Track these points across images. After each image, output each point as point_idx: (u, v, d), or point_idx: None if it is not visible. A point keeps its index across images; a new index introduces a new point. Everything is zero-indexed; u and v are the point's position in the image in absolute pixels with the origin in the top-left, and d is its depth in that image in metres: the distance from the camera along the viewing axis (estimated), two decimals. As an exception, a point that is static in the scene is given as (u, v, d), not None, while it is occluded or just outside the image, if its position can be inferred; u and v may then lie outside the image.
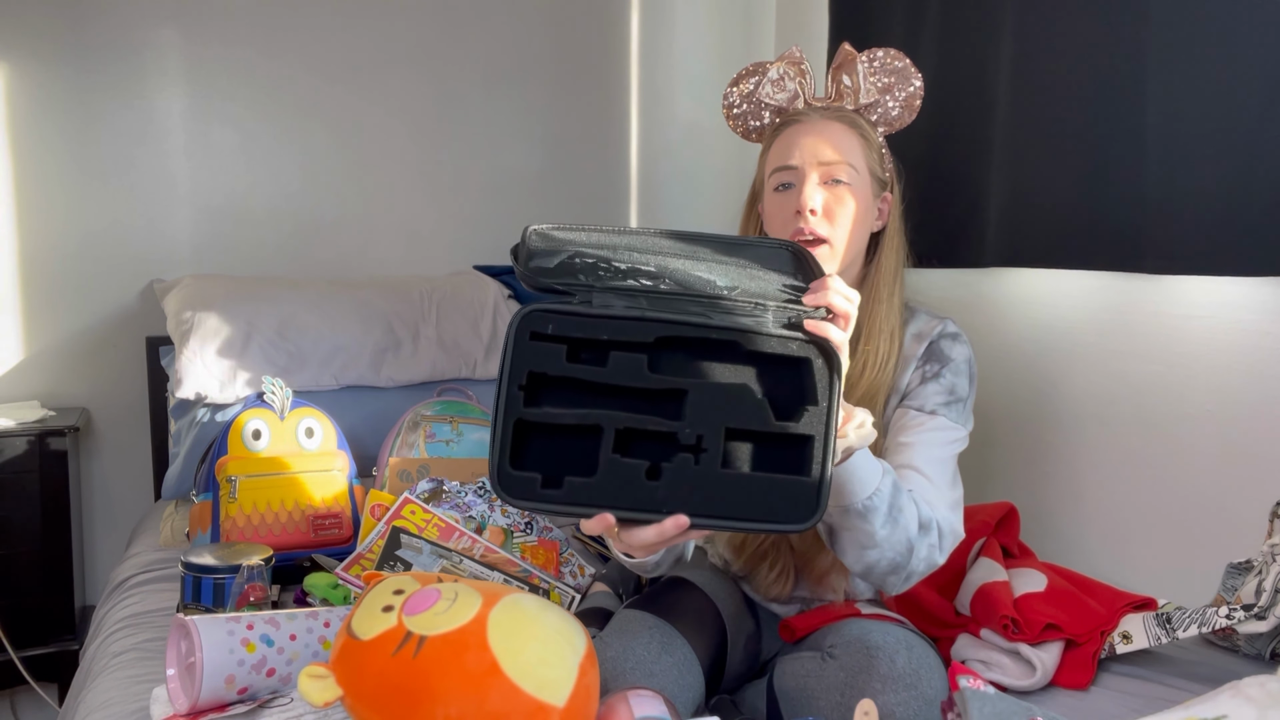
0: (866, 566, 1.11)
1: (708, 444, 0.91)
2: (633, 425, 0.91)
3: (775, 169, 1.27)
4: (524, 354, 0.92)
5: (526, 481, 0.90)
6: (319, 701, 0.82)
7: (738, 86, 1.34)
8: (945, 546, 1.15)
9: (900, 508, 1.08)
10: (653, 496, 0.90)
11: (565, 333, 0.92)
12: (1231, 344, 1.48)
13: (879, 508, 1.06)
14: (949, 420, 1.23)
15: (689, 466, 0.91)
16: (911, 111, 1.30)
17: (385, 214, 2.47)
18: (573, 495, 0.90)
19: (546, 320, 0.93)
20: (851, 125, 1.26)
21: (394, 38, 2.43)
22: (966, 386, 1.26)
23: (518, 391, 0.91)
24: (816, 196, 1.22)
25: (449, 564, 1.42)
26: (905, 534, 1.08)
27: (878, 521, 1.06)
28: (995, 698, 0.87)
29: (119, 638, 1.40)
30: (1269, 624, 1.19)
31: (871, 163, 1.26)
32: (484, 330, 2.21)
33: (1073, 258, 1.64)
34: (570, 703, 0.83)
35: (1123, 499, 1.65)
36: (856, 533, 1.07)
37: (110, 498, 2.29)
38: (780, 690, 1.18)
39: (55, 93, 2.16)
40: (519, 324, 0.92)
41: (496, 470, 0.90)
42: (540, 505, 0.89)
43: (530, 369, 0.92)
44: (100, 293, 2.24)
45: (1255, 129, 1.36)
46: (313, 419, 1.73)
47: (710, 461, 0.91)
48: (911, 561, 1.11)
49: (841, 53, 1.30)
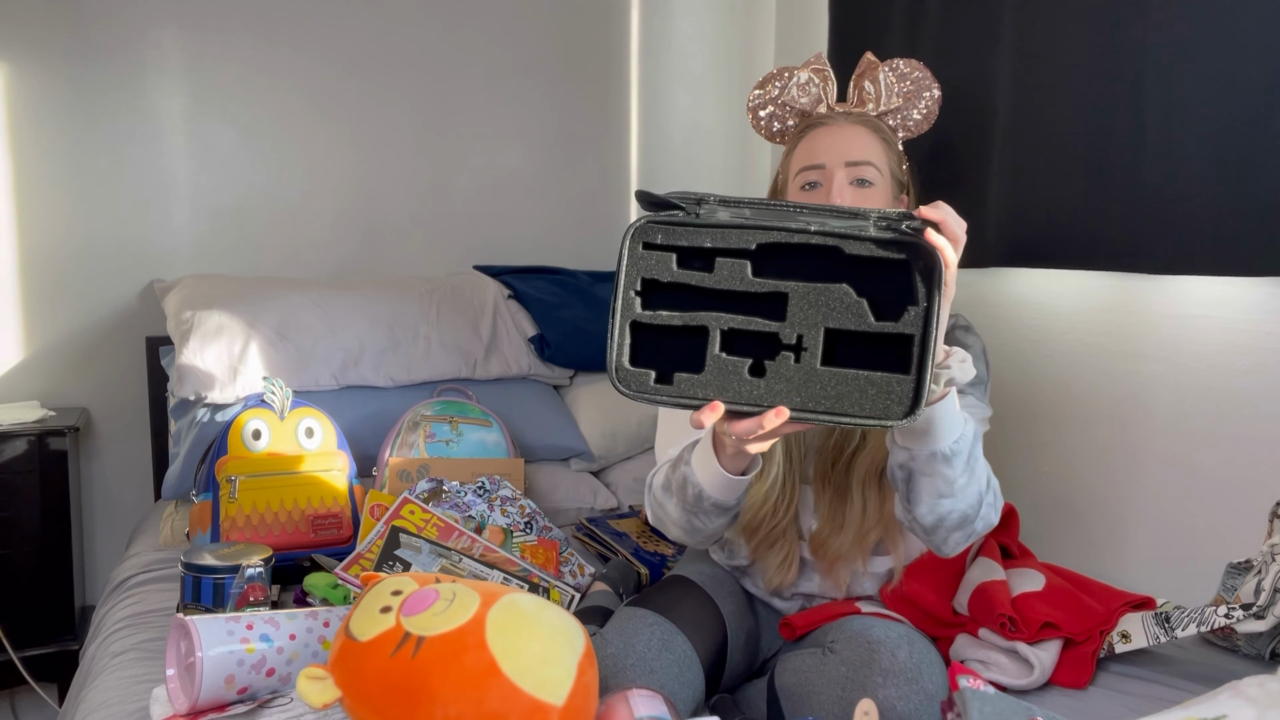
0: (939, 517, 1.09)
1: (808, 343, 0.95)
2: (736, 326, 0.96)
3: (802, 168, 1.30)
4: (636, 262, 0.99)
5: (641, 377, 0.96)
6: (318, 703, 0.82)
7: (764, 89, 1.37)
8: (998, 507, 1.14)
9: (977, 457, 1.08)
10: (756, 391, 0.95)
11: (673, 242, 0.99)
12: (1231, 344, 1.48)
13: (961, 452, 1.05)
14: (976, 399, 1.25)
15: (789, 363, 0.95)
16: (930, 119, 1.34)
17: (385, 214, 2.47)
18: (682, 389, 0.96)
19: (656, 230, 0.99)
20: (874, 130, 1.30)
21: (394, 37, 2.43)
22: (985, 371, 1.29)
23: (634, 295, 0.98)
24: (846, 194, 1.25)
25: (448, 563, 1.43)
26: (978, 485, 1.08)
27: (959, 467, 1.05)
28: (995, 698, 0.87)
29: (119, 638, 1.40)
30: (1268, 623, 1.19)
31: (893, 165, 1.30)
32: (484, 330, 2.21)
33: (1073, 258, 1.64)
34: (569, 702, 0.83)
35: (1122, 499, 1.65)
36: (936, 479, 1.06)
37: (110, 498, 2.29)
38: (781, 687, 1.18)
39: (55, 93, 2.17)
40: (632, 235, 0.99)
41: (615, 367, 0.96)
42: (654, 398, 0.96)
43: (643, 275, 0.98)
44: (100, 293, 2.24)
45: (1255, 129, 1.36)
46: (313, 419, 1.73)
47: (810, 359, 0.95)
48: (979, 515, 1.10)
49: (864, 61, 1.35)
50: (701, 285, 0.97)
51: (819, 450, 1.31)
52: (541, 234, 2.60)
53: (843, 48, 2.14)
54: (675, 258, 0.98)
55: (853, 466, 1.27)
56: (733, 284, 0.97)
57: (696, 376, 0.96)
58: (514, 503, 1.69)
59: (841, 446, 1.29)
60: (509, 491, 1.72)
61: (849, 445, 1.28)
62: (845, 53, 2.06)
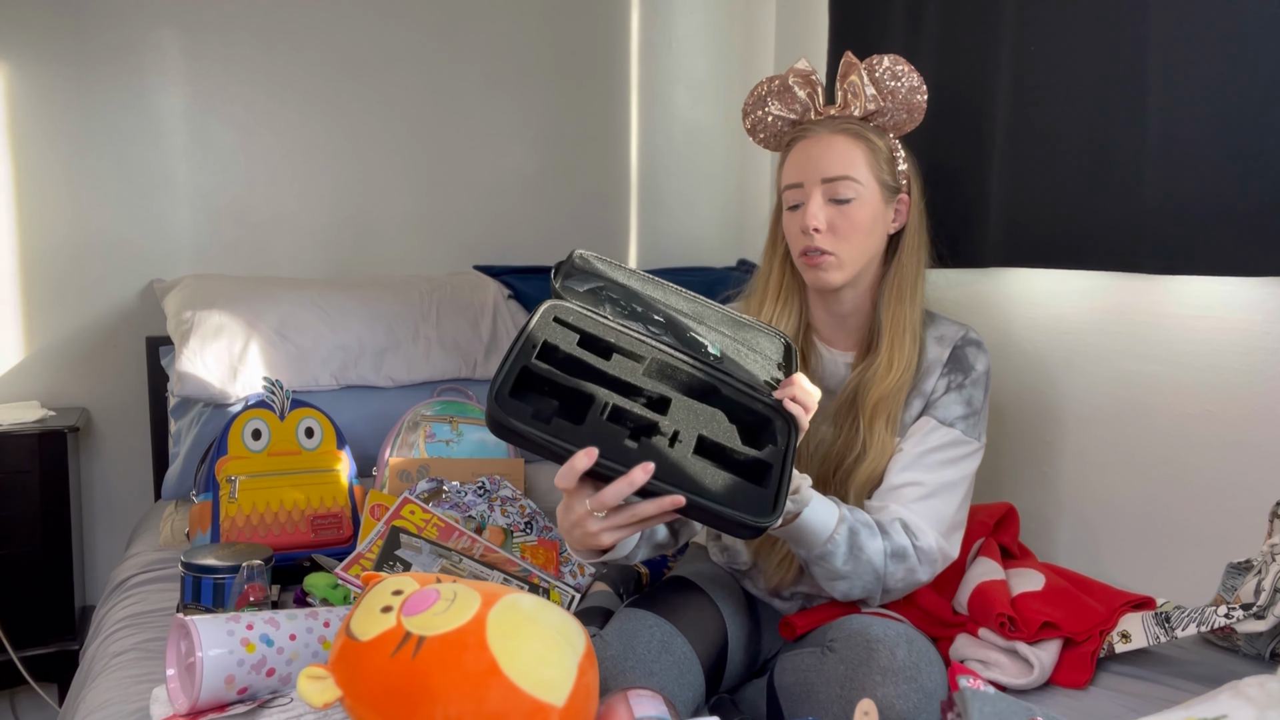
0: (841, 593, 1.20)
1: (683, 438, 1.02)
2: (621, 406, 1.01)
3: (785, 187, 1.33)
4: (543, 328, 1.05)
5: (520, 409, 0.96)
6: (318, 703, 0.82)
7: (753, 102, 1.37)
8: (928, 568, 1.22)
9: (861, 546, 1.16)
10: (629, 455, 0.97)
11: (581, 326, 1.07)
12: (1231, 344, 1.48)
13: (837, 550, 1.15)
14: (965, 435, 1.28)
15: (665, 444, 1.00)
16: (916, 114, 1.33)
17: (385, 214, 2.47)
18: (559, 432, 0.96)
19: (569, 313, 1.08)
20: (856, 136, 1.29)
21: (394, 37, 2.43)
22: (981, 399, 1.31)
23: (530, 348, 1.02)
24: (820, 215, 1.27)
25: (448, 563, 1.43)
26: (870, 566, 1.17)
27: (840, 560, 1.16)
28: (995, 698, 0.87)
29: (119, 638, 1.40)
30: (1268, 623, 1.19)
31: (879, 171, 1.29)
32: (484, 330, 2.21)
33: (1073, 258, 1.64)
34: (569, 702, 0.83)
35: (1122, 499, 1.65)
36: (821, 568, 1.18)
37: (110, 498, 2.29)
38: (780, 686, 1.18)
39: (55, 93, 2.17)
40: (546, 308, 1.07)
41: (495, 394, 0.96)
42: (529, 431, 0.95)
43: (546, 339, 1.04)
44: (100, 293, 2.24)
45: (1255, 129, 1.36)
46: (313, 419, 1.73)
47: (684, 449, 1.01)
48: (885, 585, 1.19)
49: (844, 62, 1.34)
50: (595, 367, 1.04)
51: (822, 458, 1.31)
52: (541, 234, 2.61)
53: (843, 48, 2.14)
54: (578, 338, 1.06)
55: (853, 475, 1.28)
56: (625, 375, 1.04)
57: (575, 426, 0.98)
58: (514, 503, 1.69)
59: (843, 455, 1.29)
60: (509, 491, 1.72)
61: (850, 454, 1.29)
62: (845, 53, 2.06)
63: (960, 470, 1.27)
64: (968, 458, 1.28)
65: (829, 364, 1.36)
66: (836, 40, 2.19)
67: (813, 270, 1.28)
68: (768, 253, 1.40)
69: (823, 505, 1.14)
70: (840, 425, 1.31)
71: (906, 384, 1.29)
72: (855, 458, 1.28)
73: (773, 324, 1.34)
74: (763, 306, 1.37)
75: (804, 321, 1.38)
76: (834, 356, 1.36)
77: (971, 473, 1.29)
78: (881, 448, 1.27)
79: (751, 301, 1.40)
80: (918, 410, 1.30)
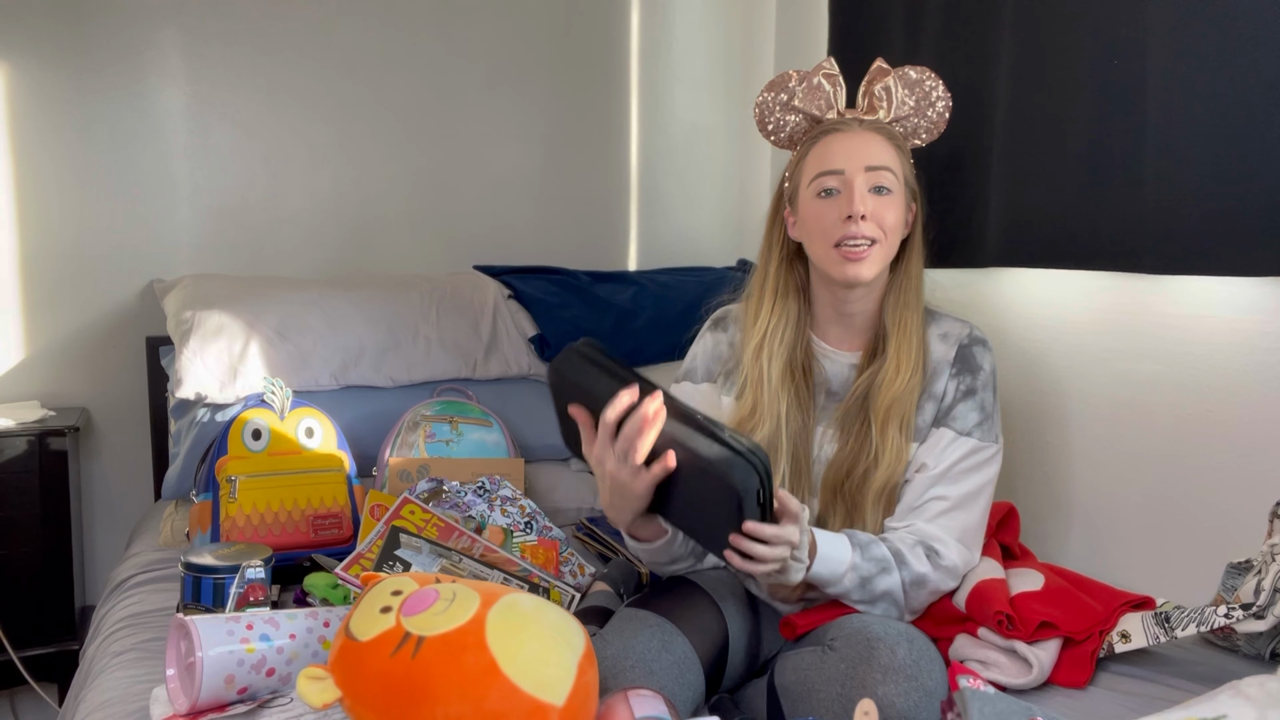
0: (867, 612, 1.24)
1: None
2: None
3: (819, 174, 1.29)
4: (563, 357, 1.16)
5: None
6: (318, 703, 0.82)
7: (773, 93, 1.36)
8: (951, 581, 1.26)
9: (873, 586, 1.21)
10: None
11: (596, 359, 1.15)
12: (1231, 344, 1.48)
13: (849, 594, 1.21)
14: (983, 441, 1.29)
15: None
16: (939, 127, 1.33)
17: (385, 214, 2.46)
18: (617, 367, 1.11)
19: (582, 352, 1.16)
20: (889, 137, 1.30)
21: (394, 37, 2.43)
22: (992, 400, 1.32)
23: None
24: (868, 200, 1.24)
25: (448, 563, 1.43)
26: (888, 598, 1.22)
27: (856, 597, 1.22)
28: (995, 697, 0.87)
29: (119, 638, 1.40)
30: (1268, 623, 1.19)
31: (906, 173, 1.30)
32: (484, 330, 2.21)
33: (1073, 258, 1.64)
34: (569, 702, 0.83)
35: (1122, 499, 1.65)
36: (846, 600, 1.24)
37: (110, 498, 2.29)
38: (781, 685, 1.18)
39: (55, 93, 2.17)
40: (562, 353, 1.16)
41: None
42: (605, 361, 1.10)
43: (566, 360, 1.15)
44: (100, 293, 2.24)
45: (1255, 129, 1.36)
46: (313, 419, 1.73)
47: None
48: (908, 607, 1.25)
49: (875, 68, 1.34)
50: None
51: (833, 465, 1.31)
52: (541, 234, 2.60)
53: (843, 48, 2.14)
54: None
55: (867, 484, 1.28)
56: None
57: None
58: (514, 503, 1.69)
59: (854, 462, 1.29)
60: (509, 491, 1.72)
61: (861, 461, 1.28)
62: (845, 53, 2.06)
63: (984, 476, 1.29)
64: (989, 462, 1.30)
65: (832, 365, 1.36)
66: (837, 40, 2.19)
67: (849, 263, 1.25)
68: (764, 254, 1.40)
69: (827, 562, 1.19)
70: (849, 431, 1.30)
71: (917, 386, 1.28)
72: (868, 465, 1.27)
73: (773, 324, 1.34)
74: (761, 307, 1.36)
75: (804, 322, 1.37)
76: (838, 357, 1.36)
77: (994, 476, 1.31)
78: (896, 454, 1.26)
79: (749, 303, 1.40)
80: (930, 414, 1.30)
